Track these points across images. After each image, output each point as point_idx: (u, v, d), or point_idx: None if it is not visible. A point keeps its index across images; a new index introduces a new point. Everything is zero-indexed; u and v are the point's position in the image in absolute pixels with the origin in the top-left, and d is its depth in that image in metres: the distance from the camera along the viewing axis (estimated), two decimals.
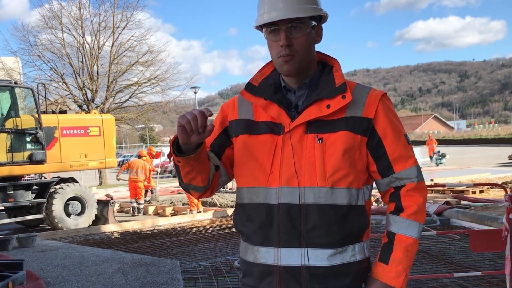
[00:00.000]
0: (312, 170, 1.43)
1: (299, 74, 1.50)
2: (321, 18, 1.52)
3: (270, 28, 1.47)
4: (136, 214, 12.11)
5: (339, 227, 1.43)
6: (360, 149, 1.46)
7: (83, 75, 23.52)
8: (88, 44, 23.57)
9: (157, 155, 14.82)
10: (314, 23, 1.48)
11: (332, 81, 1.49)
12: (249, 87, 1.56)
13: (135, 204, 12.16)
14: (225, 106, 1.63)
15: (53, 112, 10.83)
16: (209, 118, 1.36)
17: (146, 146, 38.39)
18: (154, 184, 14.11)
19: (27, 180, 10.40)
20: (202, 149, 1.41)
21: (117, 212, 12.38)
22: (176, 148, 1.43)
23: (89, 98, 23.63)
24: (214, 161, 1.55)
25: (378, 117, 1.47)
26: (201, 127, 1.34)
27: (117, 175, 13.19)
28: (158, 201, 13.92)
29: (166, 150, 33.50)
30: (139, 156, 12.75)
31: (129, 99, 24.81)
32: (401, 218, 1.48)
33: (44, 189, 10.05)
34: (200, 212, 11.03)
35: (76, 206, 10.22)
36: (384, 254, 1.48)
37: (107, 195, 12.37)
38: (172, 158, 1.44)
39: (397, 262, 1.45)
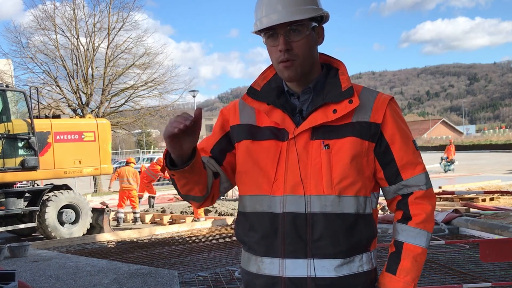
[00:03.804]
0: (318, 178, 1.40)
1: (301, 79, 1.46)
2: (322, 18, 1.48)
3: (268, 33, 1.43)
4: (133, 223, 11.94)
5: (347, 237, 1.41)
6: (368, 155, 1.43)
7: (77, 78, 23.33)
8: (82, 45, 23.39)
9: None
10: (314, 24, 1.44)
11: (338, 85, 1.46)
12: (251, 92, 1.53)
13: (121, 215, 11.97)
14: (226, 110, 1.60)
15: (46, 117, 10.71)
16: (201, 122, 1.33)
17: (143, 152, 38.26)
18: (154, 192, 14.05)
19: (19, 187, 10.29)
20: (196, 160, 1.38)
21: (113, 220, 12.25)
22: (169, 162, 1.39)
23: (84, 102, 23.43)
24: (213, 168, 1.51)
25: (386, 122, 1.44)
26: (185, 120, 1.29)
27: (109, 186, 12.99)
28: (154, 209, 13.75)
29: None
30: (127, 163, 12.57)
31: (125, 103, 24.66)
32: (409, 227, 1.45)
33: (36, 197, 9.92)
34: (198, 220, 10.87)
35: (70, 214, 10.09)
36: (391, 264, 1.45)
37: (102, 203, 12.26)
38: (166, 172, 1.38)
39: (405, 272, 1.42)
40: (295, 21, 1.39)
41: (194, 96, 27.38)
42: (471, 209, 9.69)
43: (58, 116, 10.91)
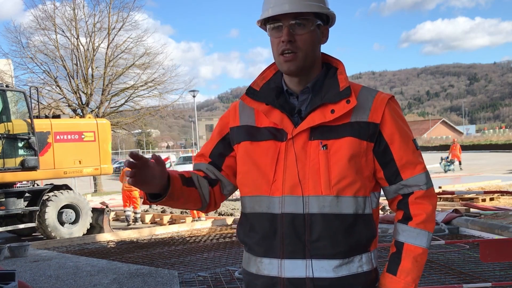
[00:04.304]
0: (316, 178, 1.39)
1: (300, 74, 1.46)
2: (328, 20, 1.49)
3: (273, 24, 1.44)
4: (131, 222, 11.89)
5: (345, 237, 1.40)
6: (367, 155, 1.43)
7: (77, 78, 23.31)
8: (82, 46, 23.37)
9: (164, 160, 14.59)
10: (319, 22, 1.45)
11: (336, 85, 1.46)
12: (250, 92, 1.53)
13: (129, 213, 11.93)
14: (226, 113, 1.61)
15: (46, 117, 10.69)
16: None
17: (143, 152, 38.24)
18: None
19: (19, 187, 10.27)
20: (172, 189, 1.42)
21: (113, 220, 12.26)
22: (149, 195, 1.46)
23: (84, 102, 23.41)
24: (212, 176, 1.54)
25: (385, 121, 1.43)
26: (136, 162, 1.33)
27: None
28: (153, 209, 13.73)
29: (163, 156, 33.30)
30: None
31: (125, 103, 24.63)
32: (409, 227, 1.44)
33: (36, 197, 9.90)
34: (196, 220, 10.85)
35: (70, 214, 10.07)
36: (392, 264, 1.45)
37: (102, 203, 12.20)
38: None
39: (405, 273, 1.42)
40: (300, 14, 1.41)
41: (194, 96, 27.36)
42: (471, 209, 9.65)
43: (58, 116, 10.87)
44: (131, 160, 1.32)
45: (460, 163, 23.76)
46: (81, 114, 22.13)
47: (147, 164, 1.34)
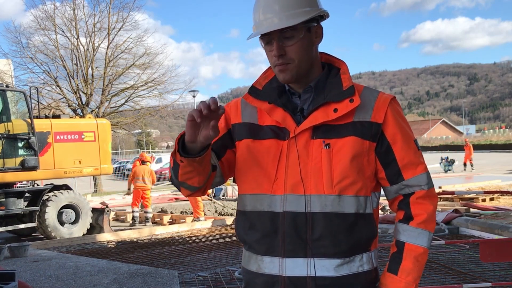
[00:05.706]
0: (318, 177, 1.39)
1: (299, 80, 1.46)
2: (321, 17, 1.47)
3: (264, 38, 1.44)
4: (144, 222, 11.83)
5: (347, 236, 1.41)
6: (369, 155, 1.43)
7: (77, 78, 23.32)
8: (82, 46, 23.38)
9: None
10: (311, 24, 1.43)
11: (340, 84, 1.45)
12: (253, 91, 1.53)
13: (137, 214, 11.86)
14: (227, 107, 1.58)
15: (46, 117, 10.68)
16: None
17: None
18: None
19: (19, 187, 10.25)
20: (209, 152, 1.37)
21: (113, 220, 12.22)
22: (181, 147, 1.37)
23: (84, 102, 23.42)
24: (212, 161, 1.50)
25: (387, 122, 1.43)
26: (212, 109, 1.26)
27: (128, 188, 12.76)
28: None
29: (163, 156, 33.27)
30: (143, 162, 12.26)
31: (125, 103, 24.63)
32: (410, 227, 1.45)
33: (36, 197, 9.89)
34: (198, 220, 10.84)
35: (70, 214, 10.07)
36: (393, 264, 1.45)
37: (102, 203, 12.18)
38: (175, 156, 1.38)
39: (406, 273, 1.42)
40: (288, 26, 1.39)
41: (194, 96, 27.34)
42: (471, 209, 9.66)
43: (58, 116, 10.86)
44: (211, 104, 1.26)
45: (466, 165, 23.79)
46: (81, 114, 22.12)
47: (218, 117, 1.30)
